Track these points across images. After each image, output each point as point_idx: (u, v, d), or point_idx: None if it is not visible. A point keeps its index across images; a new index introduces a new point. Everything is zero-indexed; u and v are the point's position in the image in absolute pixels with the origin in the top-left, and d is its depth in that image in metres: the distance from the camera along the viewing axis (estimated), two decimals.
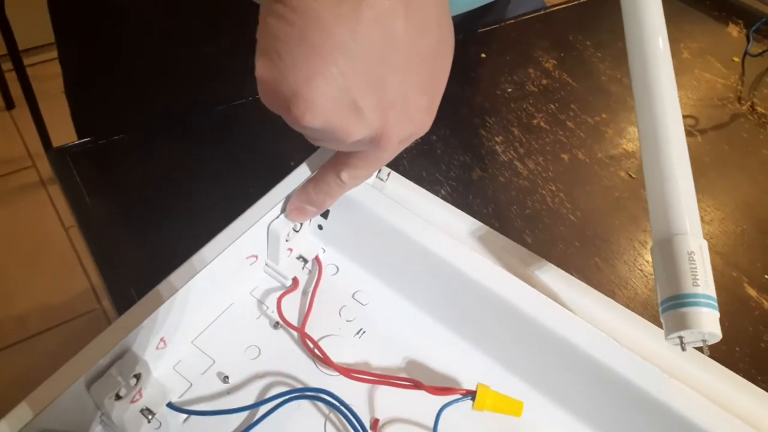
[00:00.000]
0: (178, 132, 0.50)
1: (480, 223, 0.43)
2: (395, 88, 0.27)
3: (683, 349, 0.31)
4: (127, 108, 0.57)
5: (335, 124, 0.26)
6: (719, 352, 0.41)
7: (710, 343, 0.31)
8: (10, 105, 1.66)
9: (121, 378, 0.29)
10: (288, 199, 0.36)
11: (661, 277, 0.32)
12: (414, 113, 0.28)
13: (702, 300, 0.30)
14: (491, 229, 0.43)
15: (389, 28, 0.25)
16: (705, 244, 0.32)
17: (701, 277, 0.31)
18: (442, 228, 0.39)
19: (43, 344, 1.23)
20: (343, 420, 0.32)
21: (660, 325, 0.38)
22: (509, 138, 0.53)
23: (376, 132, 0.28)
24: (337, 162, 0.33)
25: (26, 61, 1.26)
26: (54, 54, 0.59)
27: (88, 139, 0.48)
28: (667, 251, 0.32)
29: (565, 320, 0.34)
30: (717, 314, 0.31)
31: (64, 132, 0.63)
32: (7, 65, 1.33)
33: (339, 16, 0.24)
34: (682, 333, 0.31)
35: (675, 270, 0.31)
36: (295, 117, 0.26)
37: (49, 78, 0.60)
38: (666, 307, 0.31)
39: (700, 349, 0.32)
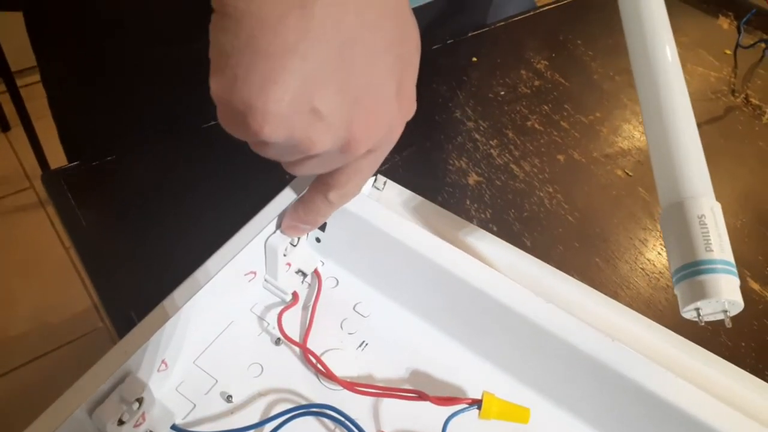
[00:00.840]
0: (170, 147, 0.49)
1: (478, 228, 0.43)
2: (357, 83, 0.25)
3: (701, 322, 0.29)
4: (117, 119, 0.56)
5: (297, 133, 0.24)
6: (725, 348, 0.41)
7: (732, 313, 0.28)
8: (5, 127, 1.66)
9: (123, 403, 0.29)
10: (283, 214, 0.36)
11: (672, 247, 0.29)
12: (382, 107, 0.26)
13: (719, 266, 0.28)
14: (489, 234, 0.43)
15: (341, 18, 0.23)
16: (718, 206, 0.29)
17: (715, 242, 0.28)
18: (440, 235, 0.39)
19: (46, 366, 1.23)
20: None
21: (666, 324, 0.38)
22: (504, 141, 0.53)
23: (344, 138, 0.26)
24: (320, 184, 0.32)
25: (19, 82, 1.26)
26: None
27: (80, 162, 0.48)
28: (675, 217, 0.29)
29: (568, 324, 0.34)
30: (737, 281, 0.28)
31: (60, 152, 0.63)
32: (0, 87, 1.33)
33: (284, 15, 0.22)
34: (698, 304, 0.28)
35: (686, 236, 0.29)
36: (255, 132, 0.24)
37: (43, 98, 0.60)
38: (679, 278, 0.28)
39: (721, 321, 0.29)
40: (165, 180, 0.47)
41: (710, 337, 0.41)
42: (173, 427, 0.31)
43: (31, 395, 1.17)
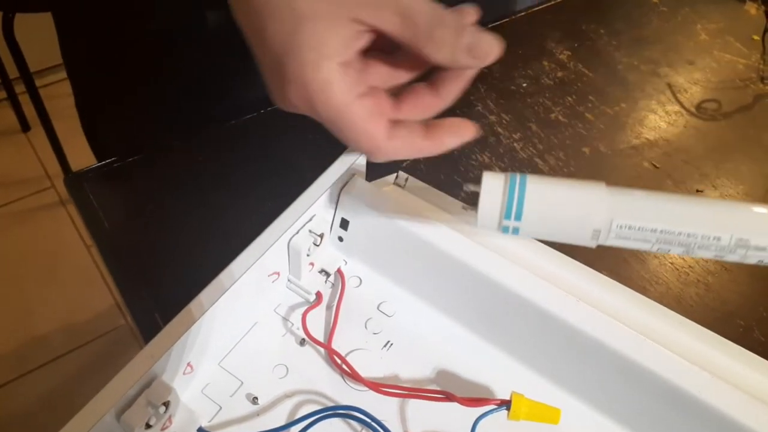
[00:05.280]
0: (193, 148, 0.49)
1: None
2: None
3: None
4: (143, 122, 0.56)
5: None
6: (758, 344, 0.40)
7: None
8: (25, 127, 1.67)
9: (150, 407, 0.29)
10: (305, 213, 0.35)
11: None
12: None
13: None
14: None
15: None
16: None
17: None
18: (463, 232, 0.38)
19: (69, 365, 1.24)
20: None
21: (697, 320, 0.37)
22: (527, 134, 0.52)
23: None
24: None
25: (38, 83, 1.27)
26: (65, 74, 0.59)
27: (103, 162, 0.48)
28: None
29: (597, 321, 0.33)
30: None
31: (80, 151, 0.64)
32: (20, 88, 1.34)
33: None
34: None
35: None
36: None
37: (62, 97, 0.60)
38: None
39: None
40: (187, 181, 0.47)
41: (743, 333, 0.40)
42: (200, 430, 0.31)
43: (54, 393, 1.19)
